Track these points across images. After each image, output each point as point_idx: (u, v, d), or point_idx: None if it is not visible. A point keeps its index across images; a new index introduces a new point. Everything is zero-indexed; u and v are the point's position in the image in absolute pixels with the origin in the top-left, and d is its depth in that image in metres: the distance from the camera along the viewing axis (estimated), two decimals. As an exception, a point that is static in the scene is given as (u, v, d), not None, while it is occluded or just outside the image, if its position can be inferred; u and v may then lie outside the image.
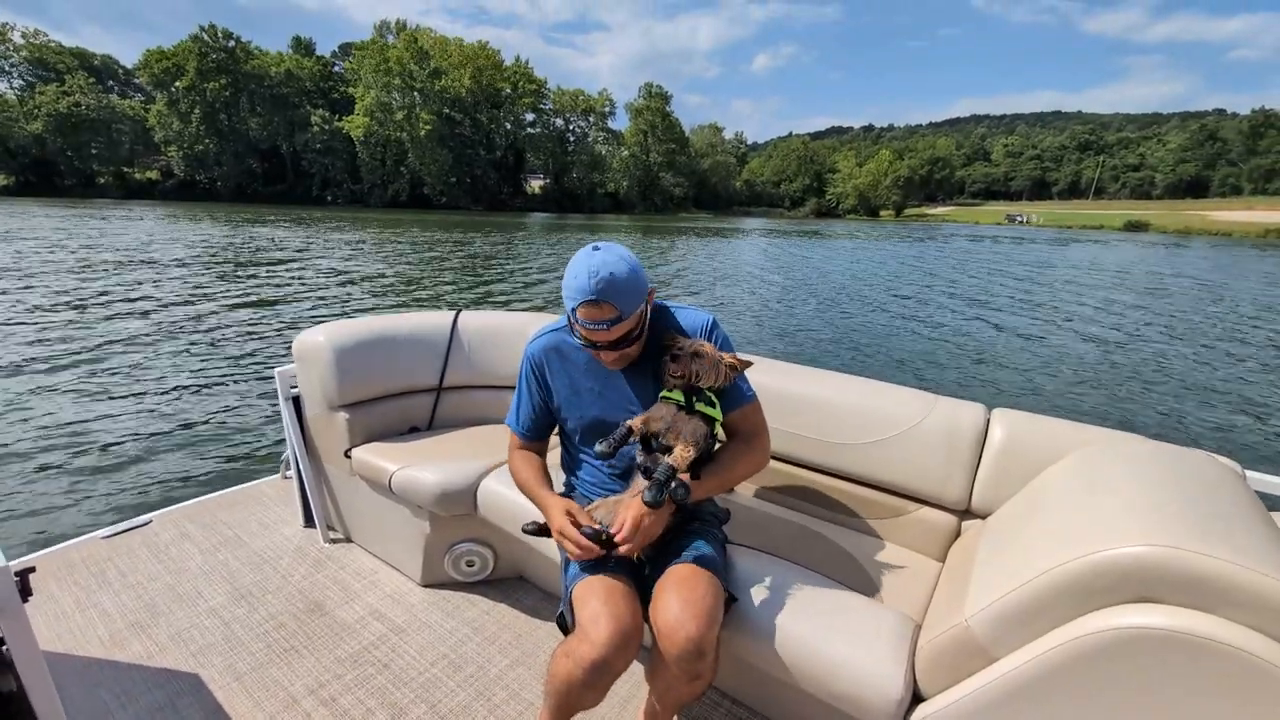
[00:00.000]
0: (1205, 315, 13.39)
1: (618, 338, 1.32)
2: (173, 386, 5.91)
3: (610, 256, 1.28)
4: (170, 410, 5.31)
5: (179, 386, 5.93)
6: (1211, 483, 1.18)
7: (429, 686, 1.74)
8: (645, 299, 1.34)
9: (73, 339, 7.41)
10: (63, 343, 7.21)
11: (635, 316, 1.32)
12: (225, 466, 4.33)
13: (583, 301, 1.26)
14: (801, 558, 1.65)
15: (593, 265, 1.25)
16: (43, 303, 9.35)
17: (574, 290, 1.27)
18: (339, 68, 68.26)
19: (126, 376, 6.15)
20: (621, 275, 1.26)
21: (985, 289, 16.65)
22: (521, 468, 1.56)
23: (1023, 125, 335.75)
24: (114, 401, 5.44)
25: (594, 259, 1.27)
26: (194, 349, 7.27)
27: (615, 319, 1.27)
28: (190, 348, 7.31)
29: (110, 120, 57.91)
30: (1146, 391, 7.61)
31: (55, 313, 8.72)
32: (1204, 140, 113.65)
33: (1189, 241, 49.65)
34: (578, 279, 1.26)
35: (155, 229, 23.47)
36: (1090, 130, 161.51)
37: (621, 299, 1.26)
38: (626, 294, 1.27)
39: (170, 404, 5.47)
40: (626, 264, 1.28)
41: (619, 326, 1.29)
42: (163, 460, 4.36)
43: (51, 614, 1.98)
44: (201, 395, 5.73)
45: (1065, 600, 1.00)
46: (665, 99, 76.56)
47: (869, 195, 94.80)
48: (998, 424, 1.71)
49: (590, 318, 1.28)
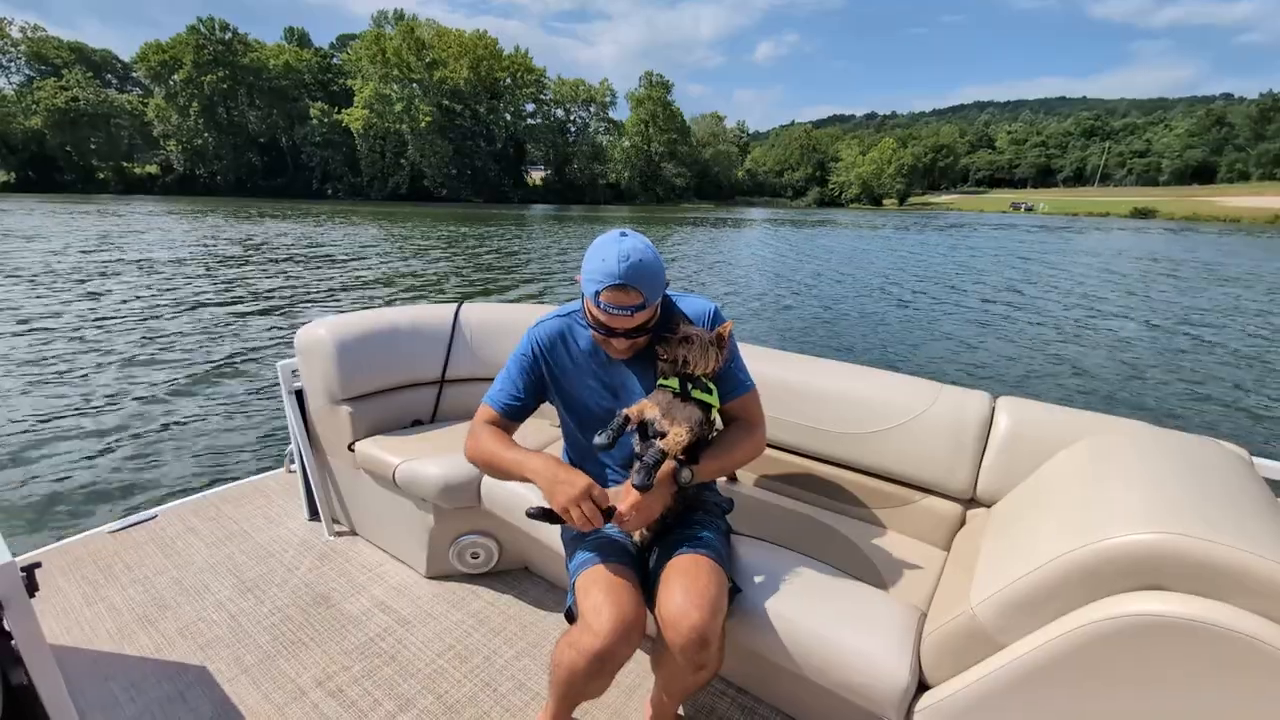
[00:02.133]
0: (1210, 301, 13.32)
1: (637, 325, 1.32)
2: (176, 382, 5.94)
3: (639, 243, 1.28)
4: (174, 405, 5.34)
5: (182, 382, 5.95)
6: (1219, 469, 1.17)
7: (435, 677, 1.75)
8: (663, 290, 1.34)
9: (76, 335, 7.44)
10: (66, 340, 7.23)
11: (655, 306, 1.32)
12: (230, 461, 4.35)
13: (610, 285, 1.24)
14: (806, 547, 1.65)
15: (623, 250, 1.25)
16: (46, 299, 9.39)
17: (601, 274, 1.25)
18: (337, 60, 67.91)
19: (130, 372, 6.18)
20: (649, 262, 1.27)
21: (989, 276, 16.56)
22: (490, 438, 1.44)
23: (1027, 112, 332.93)
24: (118, 397, 5.47)
25: (624, 244, 1.26)
26: (197, 344, 7.29)
27: (639, 305, 1.27)
28: (193, 343, 7.34)
29: (109, 115, 57.86)
30: (1152, 378, 7.58)
31: (57, 309, 8.75)
32: (1211, 125, 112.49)
33: (1197, 228, 49.22)
34: (606, 262, 1.25)
35: (156, 224, 23.48)
36: (1096, 116, 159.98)
37: (647, 286, 1.26)
38: (652, 282, 1.27)
39: (174, 399, 5.49)
40: (653, 252, 1.29)
41: (642, 314, 1.29)
42: (168, 455, 4.38)
43: (60, 608, 1.99)
44: (206, 390, 5.76)
45: (1073, 588, 0.99)
46: (667, 88, 75.91)
47: (872, 184, 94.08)
48: (1003, 412, 1.70)
49: (616, 302, 1.26)
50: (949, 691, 1.16)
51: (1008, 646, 1.08)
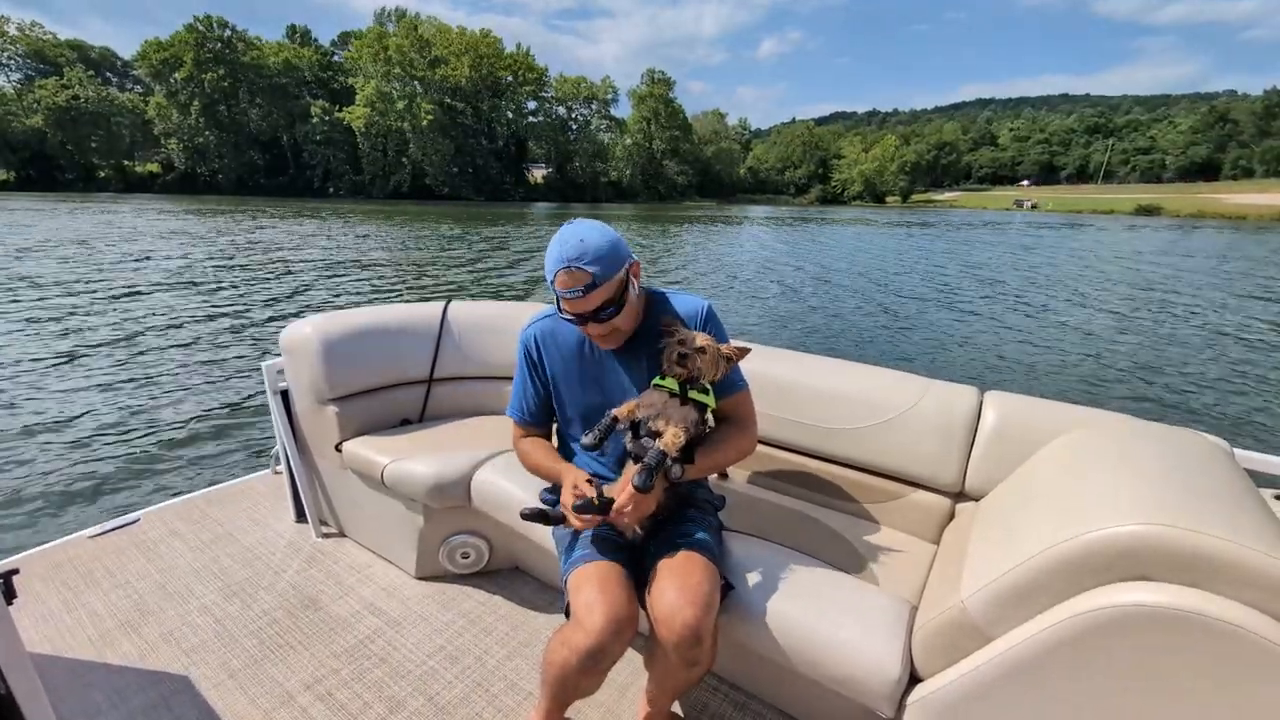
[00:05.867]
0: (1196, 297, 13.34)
1: (596, 307, 1.32)
2: (159, 381, 5.84)
3: (583, 226, 1.32)
4: (157, 406, 5.23)
5: (165, 381, 5.85)
6: (1202, 461, 1.18)
7: (426, 679, 1.73)
8: (625, 268, 1.34)
9: (55, 334, 7.32)
10: (44, 339, 7.09)
11: (613, 283, 1.31)
12: (215, 462, 4.25)
13: (558, 270, 1.28)
14: (797, 543, 1.66)
15: (565, 234, 1.30)
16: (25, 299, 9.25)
17: (550, 261, 1.31)
18: (338, 57, 67.86)
19: (112, 372, 6.05)
20: (594, 241, 1.28)
21: (982, 273, 16.54)
22: (531, 451, 1.58)
23: (1029, 109, 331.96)
24: (99, 397, 5.36)
25: (566, 230, 1.31)
26: (180, 343, 7.18)
27: (590, 284, 1.27)
28: (177, 342, 7.23)
29: (110, 113, 57.97)
30: (1138, 373, 7.65)
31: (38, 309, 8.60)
32: (1215, 122, 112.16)
33: (1202, 225, 49.05)
34: (552, 250, 1.30)
35: (146, 225, 23.25)
36: (1099, 113, 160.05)
37: (596, 264, 1.27)
38: (600, 259, 1.28)
39: (157, 399, 5.38)
40: (599, 232, 1.31)
41: (595, 293, 1.29)
42: (150, 457, 4.28)
43: (39, 615, 1.95)
44: (189, 389, 5.65)
45: (1061, 580, 1.00)
46: (669, 85, 75.85)
47: (875, 181, 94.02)
48: (990, 406, 1.72)
49: (566, 285, 1.29)
50: (940, 684, 1.17)
51: (998, 639, 1.09)
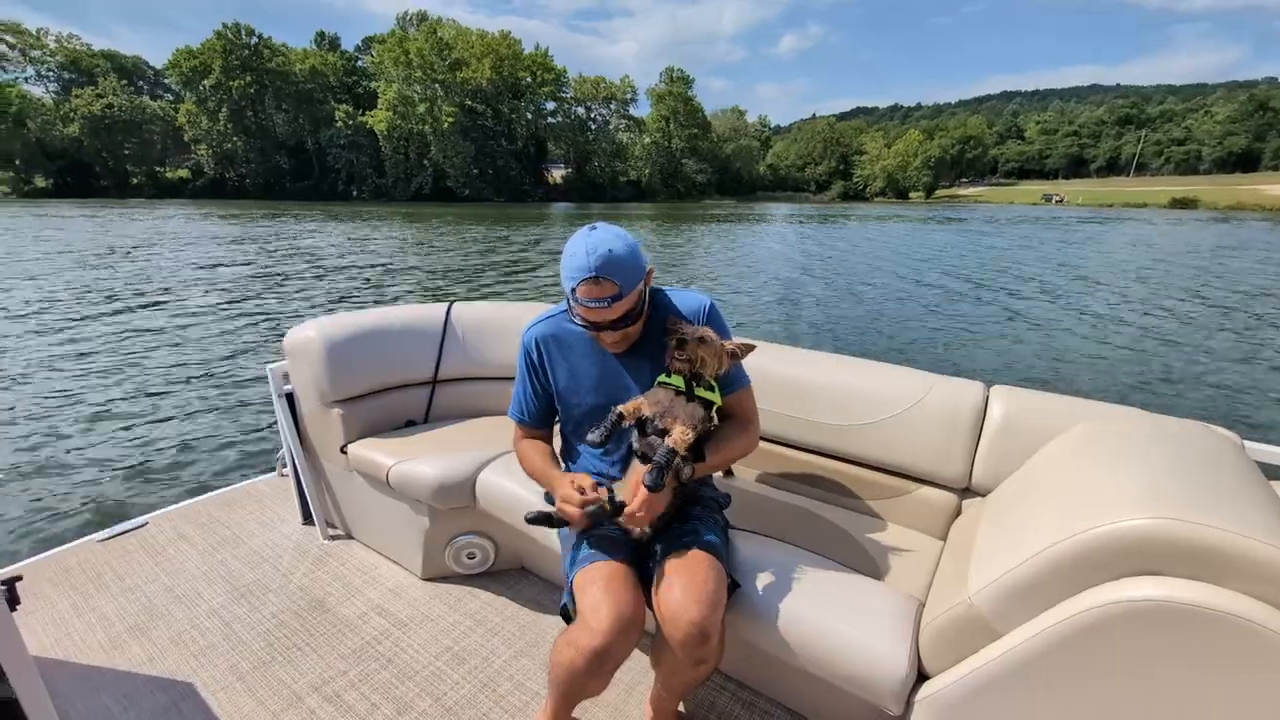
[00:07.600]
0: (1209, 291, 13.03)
1: (619, 316, 1.31)
2: (166, 386, 5.87)
3: (607, 234, 1.29)
4: (164, 410, 5.25)
5: (172, 386, 5.88)
6: (1211, 454, 1.17)
7: (433, 680, 1.74)
8: (644, 277, 1.34)
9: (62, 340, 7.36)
10: (52, 345, 7.13)
11: (635, 294, 1.32)
12: (221, 466, 4.27)
13: (583, 280, 1.26)
14: (803, 540, 1.65)
15: (590, 243, 1.27)
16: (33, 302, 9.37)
17: (573, 269, 1.28)
18: (362, 62, 68.92)
19: (117, 377, 6.08)
20: (620, 251, 1.27)
21: (992, 270, 16.23)
22: (530, 455, 1.57)
23: (1057, 101, 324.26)
24: (107, 404, 5.38)
25: (591, 237, 1.28)
26: (187, 347, 7.21)
27: (615, 296, 1.27)
28: (183, 345, 7.27)
29: (142, 121, 59.54)
30: (1145, 366, 7.50)
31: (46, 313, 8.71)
32: (1254, 111, 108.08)
33: (1242, 218, 47.34)
34: (575, 257, 1.27)
35: (167, 228, 23.55)
36: (1131, 104, 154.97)
37: (621, 275, 1.27)
38: (626, 270, 1.27)
39: (164, 404, 5.40)
40: (624, 241, 1.29)
41: (620, 304, 1.29)
42: (157, 461, 4.29)
43: (48, 620, 1.96)
44: (196, 394, 5.67)
45: (1068, 575, 0.99)
46: (688, 83, 75.46)
47: (898, 177, 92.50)
48: (997, 401, 1.71)
49: (590, 295, 1.27)
50: (948, 681, 1.17)
51: (1006, 635, 1.08)
